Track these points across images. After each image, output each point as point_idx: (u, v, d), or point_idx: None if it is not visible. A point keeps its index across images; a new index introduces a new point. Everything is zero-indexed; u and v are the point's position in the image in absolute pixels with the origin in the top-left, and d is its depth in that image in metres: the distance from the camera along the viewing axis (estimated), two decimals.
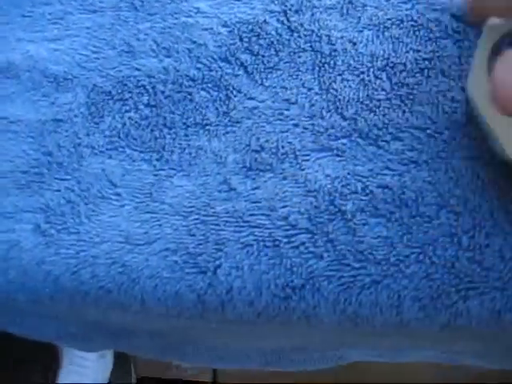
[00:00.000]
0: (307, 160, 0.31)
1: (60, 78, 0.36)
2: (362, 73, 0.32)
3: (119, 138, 0.33)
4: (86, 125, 0.34)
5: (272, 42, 0.34)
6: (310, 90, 0.32)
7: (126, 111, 0.34)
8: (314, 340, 0.40)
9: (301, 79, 0.33)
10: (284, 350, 0.45)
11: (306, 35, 0.34)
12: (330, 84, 0.32)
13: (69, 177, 0.33)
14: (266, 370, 0.49)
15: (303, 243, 0.29)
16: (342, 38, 0.33)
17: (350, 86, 0.32)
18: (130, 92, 0.34)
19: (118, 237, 0.31)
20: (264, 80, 0.33)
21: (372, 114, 0.31)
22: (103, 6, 0.37)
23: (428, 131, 0.30)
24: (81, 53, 0.36)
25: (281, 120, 0.32)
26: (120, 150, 0.33)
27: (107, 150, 0.33)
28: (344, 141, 0.31)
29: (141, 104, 0.34)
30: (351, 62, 0.32)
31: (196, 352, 0.44)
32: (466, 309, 0.28)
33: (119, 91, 0.34)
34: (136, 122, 0.33)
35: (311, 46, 0.33)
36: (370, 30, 0.33)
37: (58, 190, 0.33)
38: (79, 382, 0.76)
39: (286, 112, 0.32)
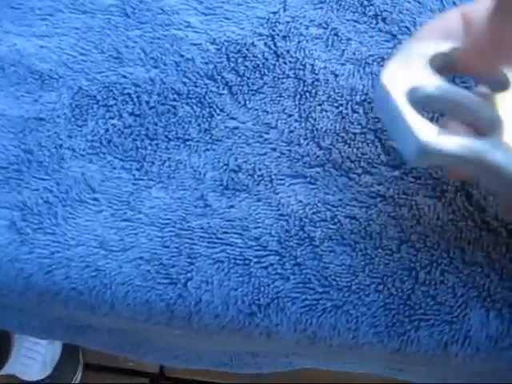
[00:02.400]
0: (282, 184, 0.32)
1: (45, 76, 0.36)
2: (341, 105, 0.34)
3: (101, 143, 0.34)
4: (69, 127, 0.35)
5: (258, 65, 0.35)
6: (290, 116, 0.34)
7: (110, 118, 0.34)
8: (268, 349, 0.42)
9: (282, 105, 0.34)
10: (236, 353, 0.46)
11: (290, 62, 0.35)
12: (310, 113, 0.34)
13: (48, 177, 0.33)
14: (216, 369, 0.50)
15: (272, 264, 0.31)
16: (324, 68, 0.35)
17: (328, 117, 0.34)
18: (114, 99, 0.35)
19: (94, 241, 0.32)
20: (247, 102, 0.34)
21: (346, 146, 0.33)
22: (94, 8, 0.38)
23: (396, 168, 0.32)
24: (68, 53, 0.37)
25: (260, 143, 0.33)
26: (101, 155, 0.34)
27: (88, 154, 0.34)
28: (318, 169, 0.33)
29: (125, 112, 0.35)
30: (331, 93, 0.34)
31: (152, 351, 0.45)
32: (416, 338, 0.30)
33: (104, 97, 0.35)
34: (119, 129, 0.34)
35: (295, 74, 0.35)
36: (352, 64, 0.35)
37: (37, 190, 0.33)
38: (28, 366, 0.76)
39: (265, 135, 0.33)
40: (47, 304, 0.33)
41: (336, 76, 0.34)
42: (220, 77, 0.35)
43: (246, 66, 0.35)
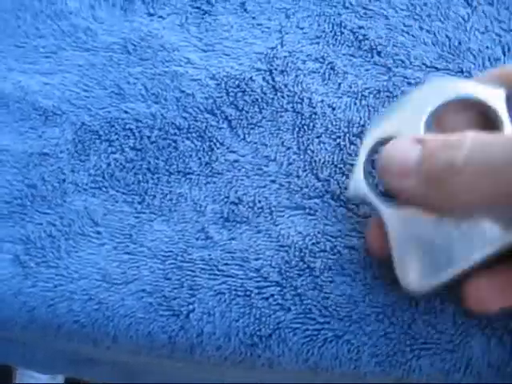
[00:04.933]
0: (281, 216, 0.33)
1: (49, 112, 0.37)
2: (339, 137, 0.34)
3: (103, 178, 0.35)
4: (72, 162, 0.35)
5: (256, 100, 0.36)
6: (288, 149, 0.34)
7: (112, 152, 0.35)
8: (271, 379, 0.42)
9: (281, 138, 0.35)
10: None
11: (288, 96, 0.36)
12: (308, 145, 0.34)
13: (51, 211, 0.34)
14: None
15: (272, 295, 0.31)
16: (322, 101, 0.35)
17: (326, 149, 0.34)
18: (116, 134, 0.36)
19: (96, 274, 0.32)
20: (246, 135, 0.35)
21: (344, 178, 0.33)
22: (96, 46, 0.39)
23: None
24: (71, 89, 0.37)
25: (259, 175, 0.34)
26: (103, 189, 0.34)
27: (91, 188, 0.34)
28: (317, 201, 0.33)
29: (127, 147, 0.35)
30: (329, 125, 0.35)
31: (155, 382, 0.45)
32: (418, 367, 0.31)
33: (106, 132, 0.36)
34: (121, 163, 0.35)
35: (293, 107, 0.35)
36: (348, 96, 0.35)
37: (40, 224, 0.34)
38: None
39: (264, 168, 0.34)
40: (50, 337, 0.33)
41: (333, 109, 0.35)
42: (220, 111, 0.36)
43: (244, 101, 0.36)
